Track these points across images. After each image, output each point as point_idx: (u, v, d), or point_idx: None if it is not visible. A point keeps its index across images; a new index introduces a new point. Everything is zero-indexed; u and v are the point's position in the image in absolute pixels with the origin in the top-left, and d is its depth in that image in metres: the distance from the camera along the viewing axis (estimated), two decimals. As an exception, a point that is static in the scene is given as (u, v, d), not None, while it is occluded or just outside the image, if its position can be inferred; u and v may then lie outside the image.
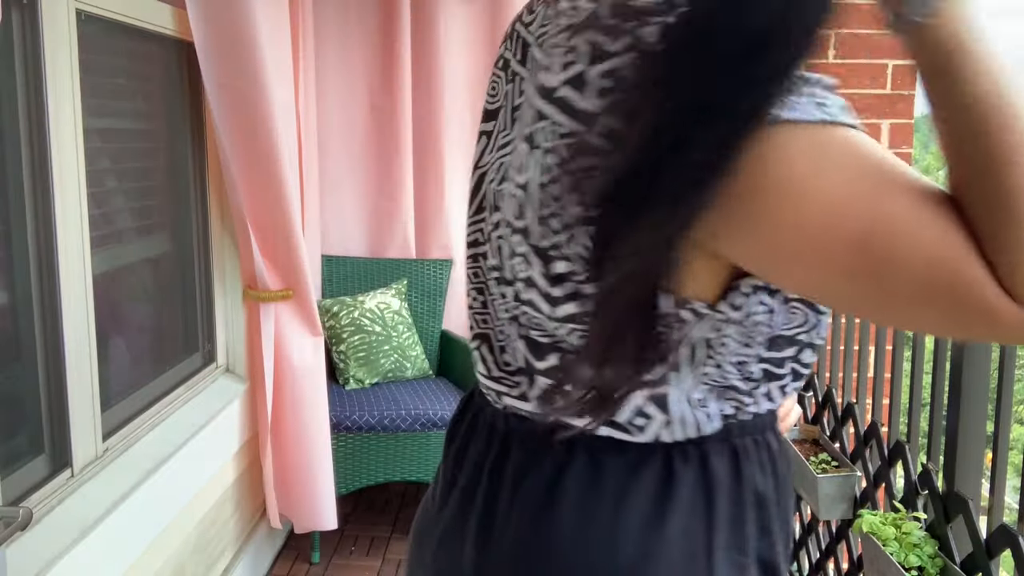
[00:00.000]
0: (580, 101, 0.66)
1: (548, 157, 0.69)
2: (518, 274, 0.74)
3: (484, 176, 0.80)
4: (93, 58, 1.91)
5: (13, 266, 1.67)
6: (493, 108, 0.82)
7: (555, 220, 0.68)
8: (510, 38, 0.81)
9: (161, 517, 2.02)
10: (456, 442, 0.88)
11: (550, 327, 0.73)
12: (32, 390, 1.73)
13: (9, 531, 1.19)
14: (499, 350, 0.80)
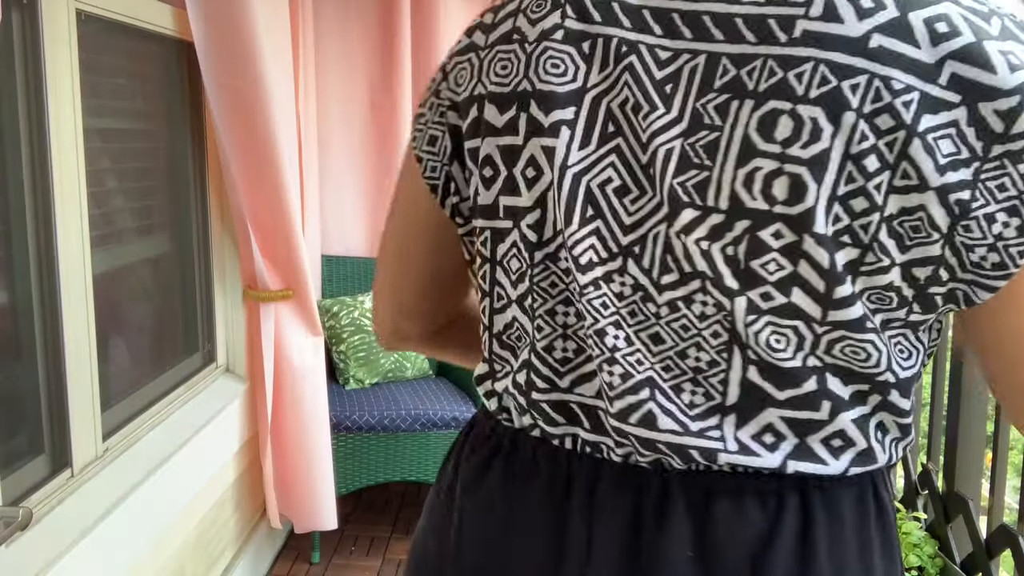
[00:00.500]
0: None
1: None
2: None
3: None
4: (93, 58, 1.91)
5: (13, 266, 1.68)
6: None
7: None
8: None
9: (161, 517, 2.02)
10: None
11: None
12: (32, 390, 1.73)
13: (9, 531, 1.19)
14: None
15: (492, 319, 0.73)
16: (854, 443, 0.64)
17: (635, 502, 0.67)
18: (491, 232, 0.71)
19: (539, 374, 0.70)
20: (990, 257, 0.58)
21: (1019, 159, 0.56)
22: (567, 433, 0.70)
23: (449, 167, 0.75)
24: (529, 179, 0.67)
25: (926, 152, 0.56)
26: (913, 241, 0.59)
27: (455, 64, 0.73)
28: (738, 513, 0.64)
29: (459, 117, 0.73)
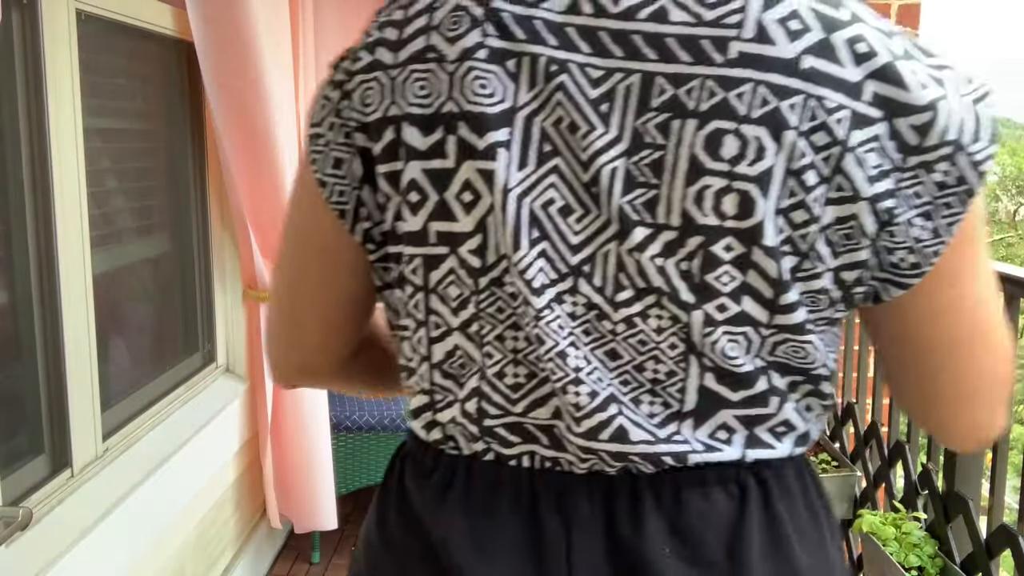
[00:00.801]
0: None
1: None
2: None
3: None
4: (93, 58, 1.92)
5: (13, 266, 1.68)
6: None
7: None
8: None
9: (161, 517, 2.02)
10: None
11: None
12: (32, 390, 1.73)
13: (9, 531, 1.19)
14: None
15: (431, 349, 0.71)
16: (795, 428, 0.69)
17: (607, 509, 0.68)
18: (423, 259, 0.68)
19: (491, 401, 0.70)
20: (908, 259, 0.64)
21: (932, 169, 0.62)
22: (523, 452, 0.70)
23: (360, 191, 0.71)
24: (466, 203, 0.65)
25: (857, 165, 0.60)
26: (845, 248, 0.63)
27: (359, 83, 0.69)
28: (707, 503, 0.67)
29: (369, 139, 0.69)
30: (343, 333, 0.80)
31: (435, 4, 0.67)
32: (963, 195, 0.63)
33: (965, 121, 0.62)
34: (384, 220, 0.71)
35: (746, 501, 0.68)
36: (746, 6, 0.60)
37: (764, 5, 0.60)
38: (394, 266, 0.72)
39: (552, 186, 0.64)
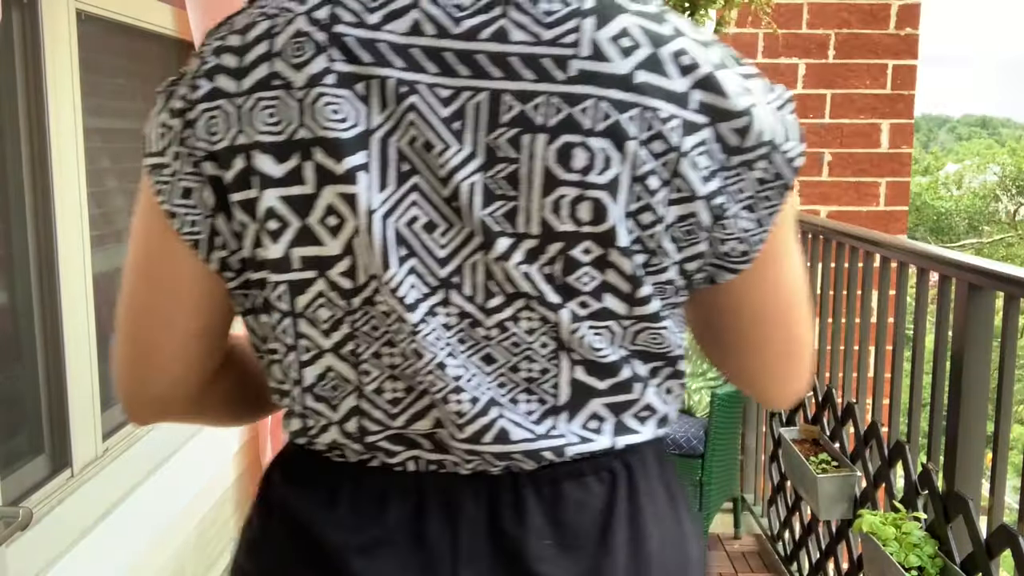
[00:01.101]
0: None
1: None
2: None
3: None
4: (93, 58, 1.92)
5: (13, 266, 1.68)
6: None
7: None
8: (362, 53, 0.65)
9: (161, 517, 2.02)
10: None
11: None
12: (32, 390, 1.73)
13: (9, 531, 1.19)
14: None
15: (302, 372, 0.72)
16: (657, 411, 0.75)
17: (492, 507, 0.71)
18: (288, 285, 0.69)
19: (371, 418, 0.71)
20: (738, 248, 0.71)
21: (752, 167, 0.68)
22: (408, 457, 0.73)
23: (213, 219, 0.70)
24: (332, 228, 0.67)
25: (692, 168, 0.66)
26: (686, 242, 0.69)
27: (202, 111, 0.68)
28: (583, 492, 0.72)
29: (219, 168, 0.68)
30: (200, 364, 0.78)
31: (274, 31, 0.67)
32: (780, 189, 0.71)
33: (775, 124, 0.69)
34: (242, 247, 0.70)
35: (616, 486, 0.73)
36: (580, 26, 0.64)
37: (596, 24, 0.65)
38: (256, 292, 0.71)
39: (414, 204, 0.66)
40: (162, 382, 0.78)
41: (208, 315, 0.75)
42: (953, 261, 1.94)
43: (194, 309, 0.74)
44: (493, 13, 0.65)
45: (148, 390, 0.79)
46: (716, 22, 3.02)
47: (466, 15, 0.65)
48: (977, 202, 21.67)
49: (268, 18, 0.68)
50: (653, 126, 0.65)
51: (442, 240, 0.67)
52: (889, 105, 3.43)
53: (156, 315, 0.75)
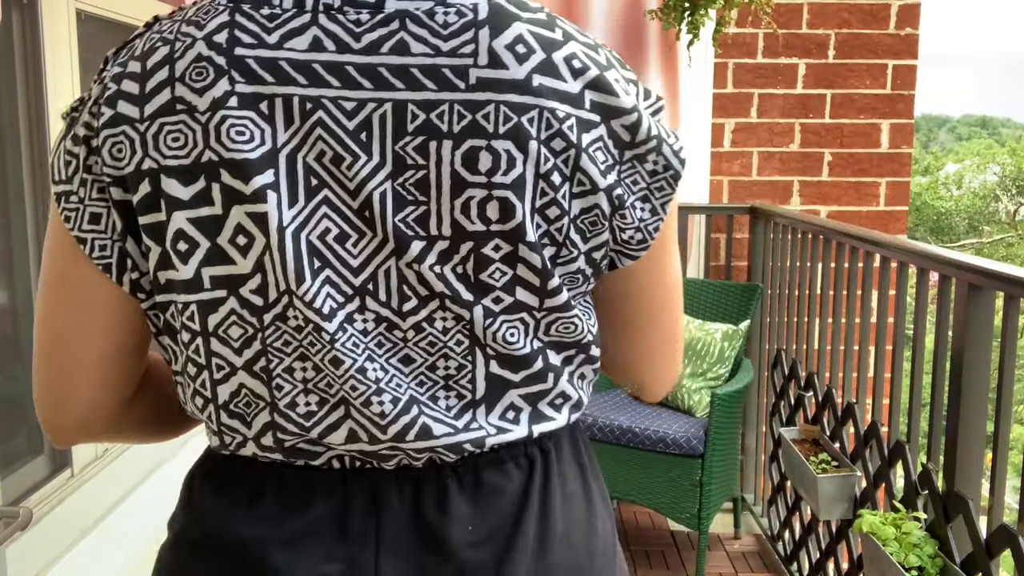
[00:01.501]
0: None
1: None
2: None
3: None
4: (93, 58, 1.92)
5: (13, 266, 1.68)
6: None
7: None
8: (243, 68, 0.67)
9: (161, 517, 2.02)
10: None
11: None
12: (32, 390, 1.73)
13: (9, 531, 1.19)
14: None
15: (215, 390, 0.73)
16: (571, 398, 0.78)
17: (416, 500, 0.74)
18: (198, 305, 0.70)
19: (285, 431, 0.73)
20: (636, 236, 0.75)
21: (644, 160, 0.73)
22: (332, 456, 0.74)
23: (123, 243, 0.72)
24: (241, 247, 0.68)
25: (591, 163, 0.70)
26: (592, 233, 0.73)
27: (106, 137, 0.69)
28: (503, 478, 0.76)
29: (126, 192, 0.70)
30: (118, 385, 0.79)
31: (174, 56, 0.68)
32: (671, 178, 0.75)
33: (655, 124, 0.74)
34: (148, 270, 0.72)
35: (532, 471, 0.77)
36: (477, 36, 0.68)
37: (491, 34, 0.68)
38: (164, 314, 0.73)
39: (325, 216, 0.68)
40: (81, 403, 0.78)
41: (123, 335, 0.76)
42: (953, 261, 1.94)
43: (109, 330, 0.75)
44: (391, 27, 0.67)
45: (68, 412, 0.79)
46: (716, 22, 3.02)
47: (365, 30, 0.67)
48: (977, 202, 21.68)
49: (167, 43, 0.69)
50: (552, 125, 0.68)
51: (354, 250, 0.69)
52: (889, 105, 3.43)
53: (72, 337, 0.76)
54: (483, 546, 0.74)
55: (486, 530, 0.74)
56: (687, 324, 3.13)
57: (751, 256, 3.42)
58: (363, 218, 0.68)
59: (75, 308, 0.75)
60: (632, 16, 3.25)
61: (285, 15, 0.68)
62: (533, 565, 0.75)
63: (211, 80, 0.67)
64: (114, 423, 0.81)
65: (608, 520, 0.83)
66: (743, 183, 3.47)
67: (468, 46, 0.67)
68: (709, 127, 3.42)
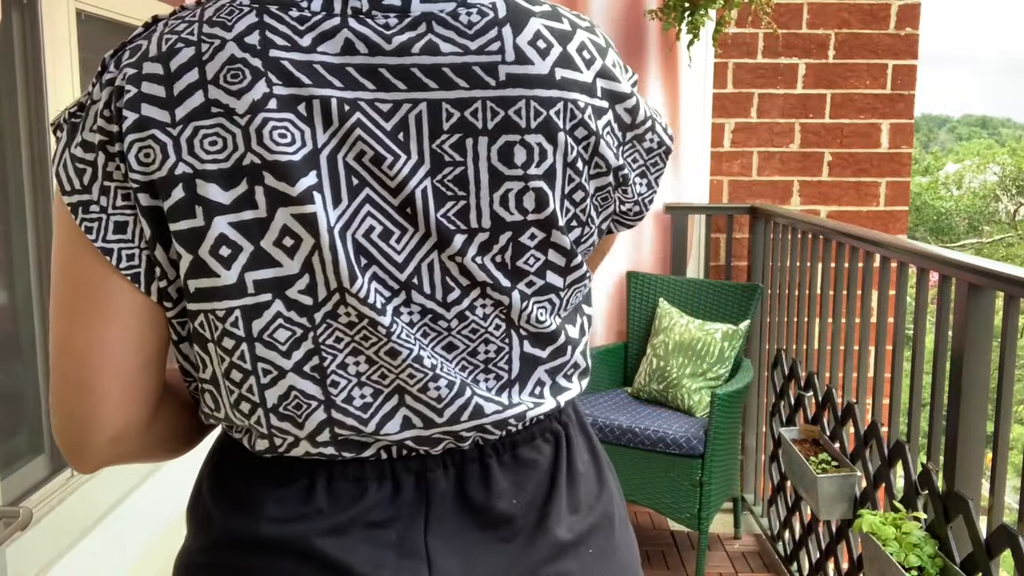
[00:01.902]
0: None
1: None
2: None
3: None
4: (93, 58, 1.91)
5: (13, 266, 1.68)
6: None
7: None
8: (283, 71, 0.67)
9: (161, 517, 2.02)
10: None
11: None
12: (32, 389, 1.73)
13: (9, 531, 1.18)
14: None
15: (263, 395, 0.72)
16: (579, 365, 0.83)
17: (459, 478, 0.78)
18: (241, 311, 0.69)
19: (344, 426, 0.74)
20: (633, 208, 0.83)
21: (642, 139, 0.80)
22: (380, 448, 0.76)
23: (151, 251, 0.70)
24: (288, 248, 0.68)
25: (607, 147, 0.75)
26: (603, 207, 0.79)
27: (131, 142, 0.67)
28: (537, 453, 0.81)
29: (155, 198, 0.68)
30: (147, 398, 0.76)
31: (202, 57, 0.67)
32: (664, 154, 0.82)
33: (643, 101, 0.80)
34: (177, 277, 0.70)
35: (559, 444, 0.83)
36: (501, 34, 0.71)
37: (514, 31, 0.71)
38: (192, 322, 0.72)
39: (368, 215, 0.69)
40: (113, 422, 0.74)
41: (153, 346, 0.75)
42: (953, 261, 1.94)
43: (138, 343, 0.73)
44: (420, 30, 0.69)
45: (99, 433, 0.75)
46: (716, 22, 3.02)
47: (395, 32, 0.69)
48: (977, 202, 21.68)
49: (190, 45, 0.68)
50: (575, 115, 0.72)
51: (398, 246, 0.71)
52: (889, 105, 3.43)
53: (103, 353, 0.72)
54: (526, 516, 0.79)
55: (527, 501, 0.80)
56: (687, 324, 3.13)
57: (751, 256, 3.42)
58: (405, 215, 0.70)
59: (104, 322, 0.72)
60: (632, 16, 3.25)
61: (315, 18, 0.68)
62: (569, 524, 0.81)
63: (248, 82, 0.66)
64: (143, 440, 0.79)
65: (614, 481, 0.90)
66: (743, 183, 3.47)
67: (494, 43, 0.70)
68: (709, 127, 3.42)
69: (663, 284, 3.32)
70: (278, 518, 0.75)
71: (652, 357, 3.17)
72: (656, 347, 3.17)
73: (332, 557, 0.74)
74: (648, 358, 3.19)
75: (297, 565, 0.75)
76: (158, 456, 0.86)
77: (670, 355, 3.10)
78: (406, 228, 0.70)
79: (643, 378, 3.18)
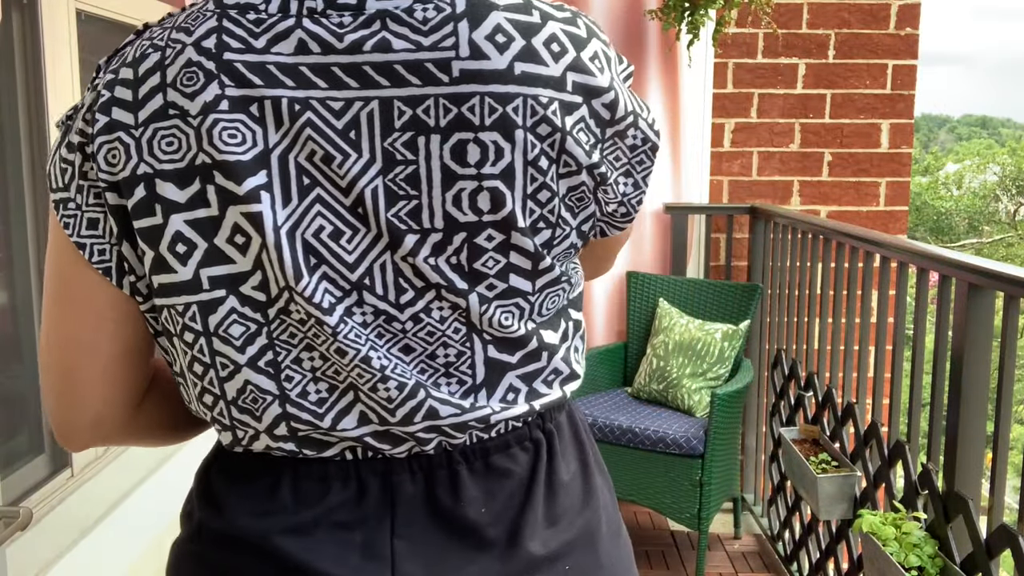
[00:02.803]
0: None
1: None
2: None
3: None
4: (93, 58, 1.91)
5: (13, 266, 1.68)
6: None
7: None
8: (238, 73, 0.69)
9: (161, 517, 2.02)
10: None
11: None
12: (32, 390, 1.73)
13: (9, 531, 1.19)
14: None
15: (223, 388, 0.74)
16: (562, 372, 0.80)
17: (428, 484, 0.76)
18: (198, 306, 0.71)
19: (299, 420, 0.74)
20: (620, 209, 0.79)
21: (624, 136, 0.75)
22: (345, 448, 0.76)
23: (119, 247, 0.73)
24: (240, 245, 0.70)
25: (576, 144, 0.72)
26: (580, 208, 0.75)
27: (101, 144, 0.70)
28: (511, 462, 0.79)
29: (120, 197, 0.71)
30: (126, 386, 0.80)
31: (165, 62, 0.70)
32: (649, 151, 0.78)
33: (631, 96, 0.76)
34: (144, 273, 0.73)
35: (539, 454, 0.80)
36: (456, 29, 0.69)
37: (471, 26, 0.69)
38: (159, 316, 0.75)
39: (319, 215, 0.69)
40: (91, 408, 0.79)
41: (128, 338, 0.77)
42: (953, 261, 1.94)
43: (113, 333, 0.77)
44: (374, 27, 0.68)
45: (79, 417, 0.80)
46: (716, 22, 3.02)
47: (349, 30, 0.68)
48: (977, 202, 21.67)
49: (157, 50, 0.71)
50: (536, 112, 0.69)
51: (349, 246, 0.70)
52: (889, 105, 3.43)
53: (78, 342, 0.77)
54: (496, 526, 0.77)
55: (498, 511, 0.77)
56: (687, 324, 3.13)
57: (751, 256, 3.42)
58: (356, 215, 0.69)
59: (80, 313, 0.76)
60: (632, 16, 3.25)
61: (271, 19, 0.69)
62: (545, 537, 0.78)
63: (201, 84, 0.68)
64: (126, 426, 0.82)
65: (608, 493, 0.87)
66: (743, 183, 3.47)
67: (449, 39, 0.68)
68: (709, 127, 3.42)
69: (663, 284, 3.32)
70: (244, 512, 0.77)
71: (652, 357, 3.17)
72: (656, 347, 3.17)
73: (290, 554, 0.74)
74: (648, 358, 3.19)
75: (254, 561, 0.76)
76: (153, 442, 0.90)
77: (670, 355, 3.10)
78: (358, 228, 0.70)
79: (643, 378, 3.18)
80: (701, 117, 3.40)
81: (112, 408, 0.80)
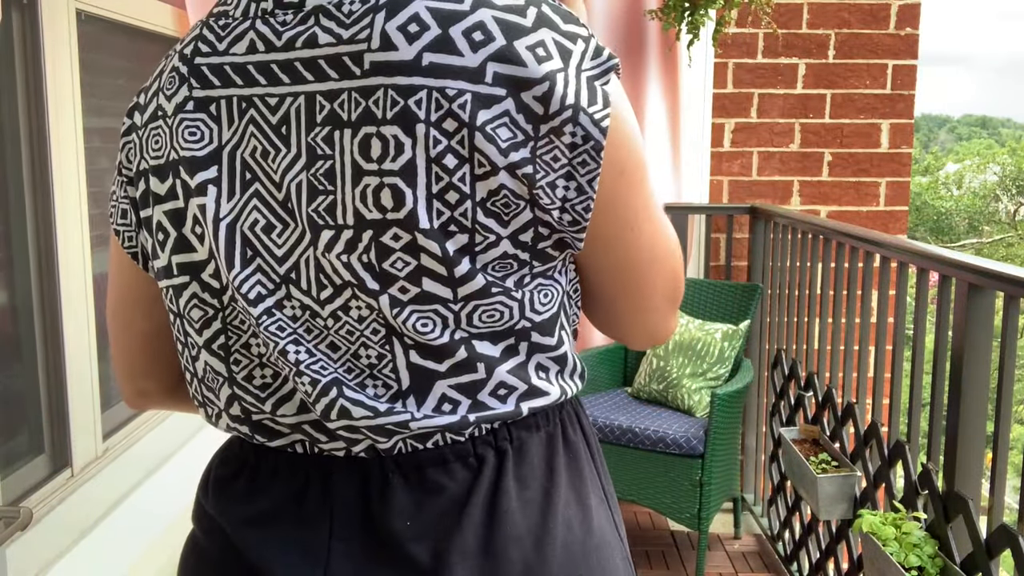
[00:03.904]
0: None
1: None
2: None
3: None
4: (93, 58, 1.91)
5: (13, 266, 1.68)
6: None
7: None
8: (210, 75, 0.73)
9: (161, 517, 2.02)
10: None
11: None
12: (32, 390, 1.73)
13: (9, 531, 1.19)
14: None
15: (194, 366, 0.81)
16: (515, 388, 0.74)
17: (363, 490, 0.75)
18: (172, 289, 0.78)
19: (246, 402, 0.78)
20: (565, 217, 0.71)
21: (561, 133, 0.68)
22: (295, 440, 0.78)
23: (139, 235, 0.82)
24: (198, 235, 0.75)
25: (488, 141, 0.66)
26: (509, 214, 0.69)
27: (124, 144, 0.81)
28: (446, 477, 0.74)
29: (135, 190, 0.80)
30: (165, 359, 0.89)
31: (162, 71, 0.78)
32: (592, 151, 0.69)
33: (581, 90, 0.68)
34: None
35: (482, 471, 0.74)
36: (373, 20, 0.67)
37: (387, 16, 0.67)
38: (166, 298, 0.81)
39: (255, 209, 0.72)
40: (136, 375, 0.90)
41: (160, 317, 0.86)
42: (953, 261, 1.94)
43: (147, 311, 0.86)
44: (308, 23, 0.70)
45: (131, 382, 0.90)
46: (716, 22, 3.02)
47: (287, 28, 0.70)
48: (977, 202, 21.67)
49: (166, 59, 0.79)
50: (442, 105, 0.66)
51: (279, 240, 0.72)
52: (889, 105, 3.43)
53: (121, 317, 0.88)
54: (422, 541, 0.73)
55: (424, 526, 0.73)
56: (687, 324, 3.13)
57: (751, 256, 3.42)
58: (286, 209, 0.71)
59: (120, 290, 0.87)
60: (632, 16, 3.25)
61: (234, 23, 0.73)
62: (475, 567, 0.72)
63: (176, 88, 0.75)
64: (171, 395, 0.92)
65: (581, 527, 0.77)
66: (743, 183, 3.47)
67: (364, 31, 0.68)
68: (709, 127, 3.42)
69: (663, 284, 3.32)
70: (213, 496, 0.82)
71: (652, 357, 3.17)
72: (656, 347, 3.17)
73: (246, 544, 0.77)
74: (648, 358, 3.19)
75: (214, 545, 0.80)
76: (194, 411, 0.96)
77: (670, 355, 3.10)
78: (288, 223, 0.71)
79: (643, 378, 3.18)
80: (701, 117, 3.40)
81: (154, 380, 0.90)
